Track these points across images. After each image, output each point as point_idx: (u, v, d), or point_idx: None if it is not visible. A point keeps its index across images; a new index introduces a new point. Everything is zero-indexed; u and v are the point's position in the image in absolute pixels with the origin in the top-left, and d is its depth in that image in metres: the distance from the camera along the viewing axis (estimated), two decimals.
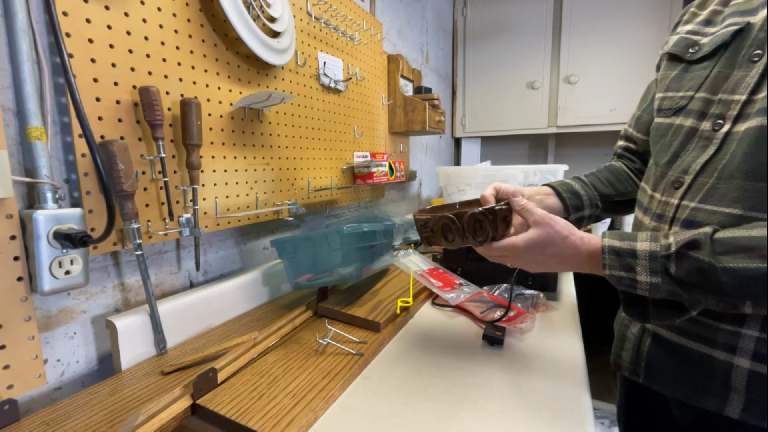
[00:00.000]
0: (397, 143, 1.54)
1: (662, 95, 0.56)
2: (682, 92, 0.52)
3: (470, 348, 0.64)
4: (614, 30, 1.97)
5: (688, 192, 0.48)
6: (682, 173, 0.49)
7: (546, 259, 0.50)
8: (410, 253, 1.07)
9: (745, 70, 0.45)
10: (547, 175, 1.14)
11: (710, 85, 0.49)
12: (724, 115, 0.46)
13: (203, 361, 0.57)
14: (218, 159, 0.73)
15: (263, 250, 0.92)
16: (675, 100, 0.53)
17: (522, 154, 2.53)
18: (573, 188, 0.67)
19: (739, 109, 0.44)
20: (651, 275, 0.43)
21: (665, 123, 0.54)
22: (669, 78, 0.55)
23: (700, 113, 0.49)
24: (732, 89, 0.46)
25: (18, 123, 0.49)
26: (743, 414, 0.47)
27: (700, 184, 0.47)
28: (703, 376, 0.49)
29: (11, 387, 0.47)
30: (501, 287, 0.83)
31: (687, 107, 0.51)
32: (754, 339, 0.45)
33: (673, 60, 0.56)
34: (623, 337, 0.60)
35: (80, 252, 0.51)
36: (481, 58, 2.33)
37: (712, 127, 0.47)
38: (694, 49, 0.52)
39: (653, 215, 0.53)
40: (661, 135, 0.55)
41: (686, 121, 0.51)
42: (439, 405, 0.50)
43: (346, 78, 1.13)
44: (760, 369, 0.46)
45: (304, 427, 0.45)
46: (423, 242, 0.57)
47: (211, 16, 0.70)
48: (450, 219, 0.52)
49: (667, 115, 0.54)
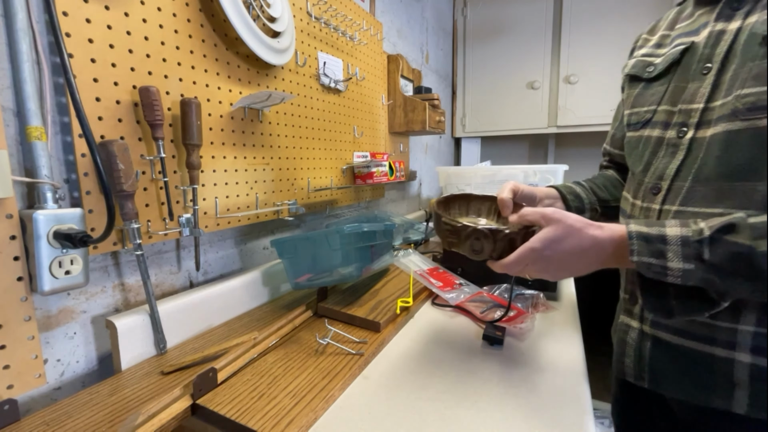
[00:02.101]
0: (397, 143, 1.54)
1: (629, 111, 0.61)
2: (646, 107, 0.57)
3: (470, 348, 0.64)
4: (614, 30, 1.97)
5: (668, 197, 0.51)
6: (658, 179, 0.53)
7: (566, 257, 0.48)
8: (410, 253, 1.07)
9: (698, 81, 0.50)
10: (547, 175, 1.14)
11: (669, 97, 0.54)
12: (687, 123, 0.51)
13: (203, 361, 0.57)
14: (218, 159, 0.73)
15: (263, 250, 0.92)
16: (641, 114, 0.58)
17: (522, 154, 2.53)
18: (575, 191, 0.70)
19: (699, 117, 0.49)
20: (684, 261, 0.41)
21: (635, 136, 0.59)
22: (633, 96, 0.61)
23: (665, 123, 0.54)
24: (689, 99, 0.51)
25: (18, 123, 0.49)
26: (749, 409, 0.47)
27: (678, 189, 0.50)
28: (707, 374, 0.50)
29: (11, 387, 0.47)
30: (501, 287, 0.83)
31: (652, 120, 0.56)
32: (751, 333, 0.46)
33: (633, 80, 0.61)
34: (623, 343, 0.60)
35: (80, 252, 0.51)
36: (481, 58, 2.33)
37: (677, 135, 0.52)
38: (650, 68, 0.58)
39: None
40: (633, 147, 0.60)
41: (653, 131, 0.55)
42: (439, 405, 0.50)
43: (346, 78, 1.13)
44: (761, 362, 0.46)
45: (304, 427, 0.45)
46: (444, 244, 0.56)
47: (211, 16, 0.70)
48: (484, 234, 0.50)
49: (636, 129, 0.59)
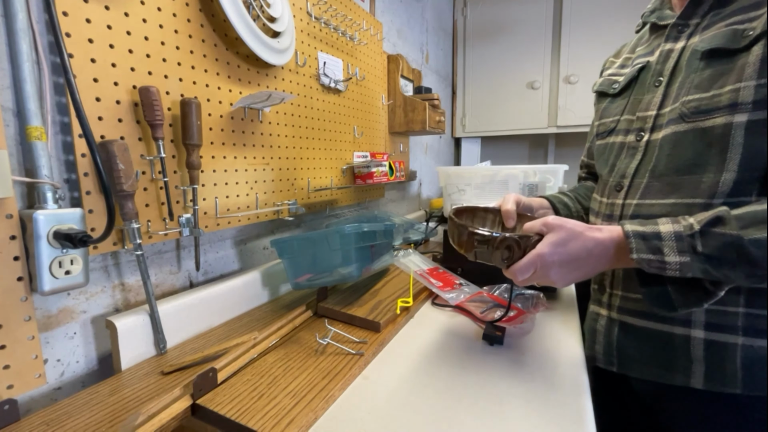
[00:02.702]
0: (397, 143, 1.54)
1: (598, 123, 0.70)
2: (611, 118, 0.66)
3: (470, 348, 0.64)
4: (614, 30, 1.97)
5: (629, 192, 0.58)
6: (621, 178, 0.60)
7: (573, 260, 0.50)
8: (410, 253, 1.07)
9: (651, 93, 0.58)
10: (547, 175, 1.13)
11: (630, 108, 0.62)
12: (643, 128, 0.58)
13: (203, 361, 0.57)
14: (218, 159, 0.73)
15: (263, 250, 0.92)
16: (607, 124, 0.66)
17: (522, 154, 2.53)
18: (563, 200, 0.76)
19: (653, 122, 0.56)
20: (679, 255, 0.44)
21: (602, 143, 0.67)
22: (601, 110, 0.69)
23: (626, 130, 0.61)
24: (645, 108, 0.58)
25: (18, 123, 0.49)
26: (706, 383, 0.51)
27: (637, 185, 0.57)
28: (668, 353, 0.55)
29: (11, 387, 0.47)
30: (501, 287, 0.83)
31: (616, 128, 0.64)
32: (704, 311, 0.51)
33: (601, 96, 0.71)
34: (594, 331, 0.65)
35: (80, 252, 0.51)
36: (481, 58, 2.33)
37: (635, 139, 0.59)
38: (615, 85, 0.66)
39: (603, 216, 0.63)
40: (600, 153, 0.68)
41: (617, 138, 0.63)
42: (439, 405, 0.50)
43: (346, 78, 1.13)
44: (715, 338, 0.51)
45: (304, 427, 0.45)
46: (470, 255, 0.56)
47: (211, 16, 0.70)
48: (515, 241, 0.51)
49: (603, 137, 0.67)
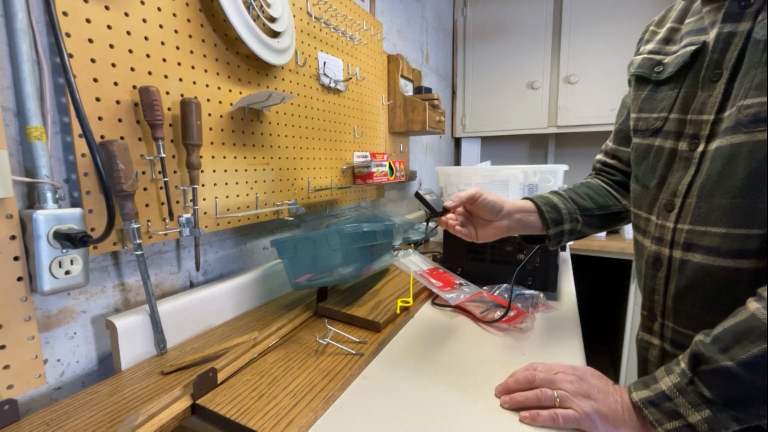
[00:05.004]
0: (397, 143, 1.54)
1: (636, 116, 0.57)
2: (656, 113, 0.54)
3: (470, 348, 0.64)
4: (614, 30, 1.97)
5: (681, 215, 0.49)
6: (672, 196, 0.50)
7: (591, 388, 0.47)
8: (410, 253, 1.07)
9: (708, 90, 0.47)
10: (547, 175, 1.14)
11: (680, 105, 0.50)
12: (698, 135, 0.48)
13: (203, 361, 0.57)
14: (218, 159, 0.73)
15: (263, 250, 0.92)
16: (650, 121, 0.54)
17: (522, 154, 2.53)
18: (552, 202, 0.66)
19: (710, 129, 0.46)
20: (697, 411, 0.39)
21: (644, 144, 0.56)
22: (640, 99, 0.56)
23: (677, 134, 0.51)
24: (700, 110, 0.48)
25: (18, 123, 0.49)
26: None
27: (688, 206, 0.48)
28: None
29: (11, 387, 0.47)
30: (501, 287, 0.83)
31: (663, 128, 0.52)
32: None
33: (641, 81, 0.57)
34: (645, 361, 0.59)
35: (80, 252, 0.51)
36: (481, 58, 2.33)
37: (689, 147, 0.49)
38: (659, 69, 0.54)
39: (653, 238, 0.54)
40: (642, 156, 0.56)
41: (666, 142, 0.52)
42: (439, 405, 0.50)
43: (346, 78, 1.13)
44: None
45: (304, 427, 0.45)
46: None
47: (211, 16, 0.70)
48: None
49: (645, 136, 0.55)
